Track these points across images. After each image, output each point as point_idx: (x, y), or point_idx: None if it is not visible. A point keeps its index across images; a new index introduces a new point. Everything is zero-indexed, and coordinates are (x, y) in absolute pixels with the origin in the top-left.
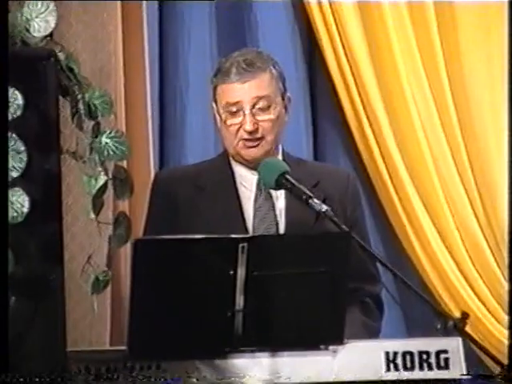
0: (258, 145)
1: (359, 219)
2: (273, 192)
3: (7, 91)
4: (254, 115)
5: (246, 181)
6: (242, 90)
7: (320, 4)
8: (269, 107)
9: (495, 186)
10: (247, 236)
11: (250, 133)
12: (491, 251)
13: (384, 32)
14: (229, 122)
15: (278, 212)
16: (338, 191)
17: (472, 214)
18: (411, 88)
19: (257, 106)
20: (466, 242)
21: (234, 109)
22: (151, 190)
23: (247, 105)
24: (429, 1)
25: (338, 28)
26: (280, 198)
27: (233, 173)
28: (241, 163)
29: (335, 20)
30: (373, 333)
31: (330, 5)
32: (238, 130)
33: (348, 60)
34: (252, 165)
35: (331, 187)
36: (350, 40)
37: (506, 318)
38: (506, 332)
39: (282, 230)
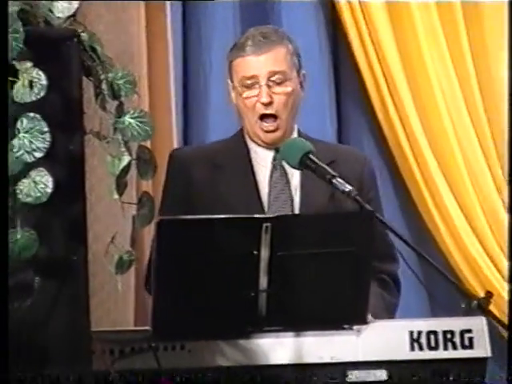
0: (276, 129)
1: (375, 200)
2: (288, 169)
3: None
4: (269, 87)
5: (262, 158)
6: (258, 63)
7: (349, 3)
8: (284, 81)
9: None
10: (271, 216)
11: (266, 105)
12: None
13: (412, 27)
14: (245, 95)
15: (292, 189)
16: (353, 172)
17: (495, 193)
18: (440, 83)
19: (272, 79)
20: (489, 220)
21: (250, 82)
22: (167, 168)
23: (263, 78)
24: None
25: (367, 25)
26: (295, 175)
27: (248, 150)
28: (258, 144)
29: (364, 18)
30: (389, 306)
31: (360, 3)
32: (254, 104)
33: (372, 42)
34: (267, 146)
35: (347, 167)
36: (375, 22)
37: None
38: None
39: (296, 207)
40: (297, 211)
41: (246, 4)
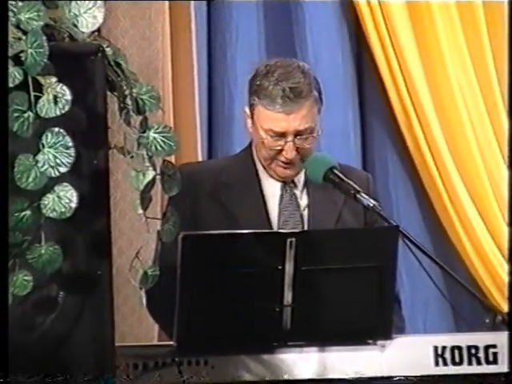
0: (294, 165)
1: (378, 220)
2: (297, 192)
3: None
4: (295, 143)
5: (270, 180)
6: (287, 121)
7: (369, 3)
8: (310, 134)
9: None
10: (296, 231)
11: (290, 159)
12: None
13: (432, 28)
14: (267, 143)
15: (302, 212)
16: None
17: None
18: (459, 83)
19: (299, 136)
20: None
21: (277, 136)
22: None
23: (290, 135)
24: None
25: (386, 24)
26: (303, 197)
27: (257, 170)
28: (269, 174)
29: (383, 16)
30: (398, 332)
31: (379, 4)
32: (277, 152)
33: (396, 56)
34: (279, 179)
35: None
36: (398, 35)
37: None
38: None
39: (306, 228)
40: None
41: (271, 19)
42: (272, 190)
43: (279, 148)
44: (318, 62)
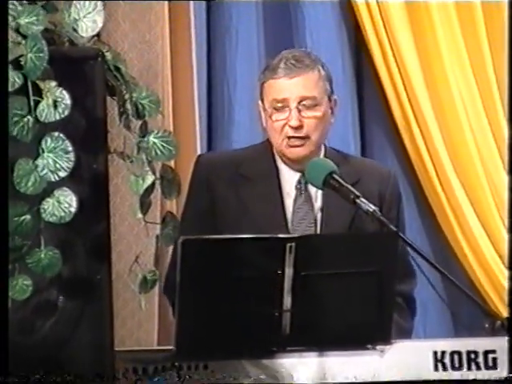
0: (303, 144)
1: (395, 219)
2: (312, 193)
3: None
4: (299, 111)
5: (287, 179)
6: (289, 87)
7: (368, 4)
8: (315, 106)
9: None
10: (295, 236)
11: (295, 129)
12: None
13: (432, 31)
14: (274, 118)
15: (316, 211)
16: (377, 189)
17: None
18: (459, 88)
19: (302, 103)
20: None
21: (280, 105)
22: (192, 173)
23: (293, 102)
24: (476, 0)
25: (385, 27)
26: (318, 197)
27: (277, 168)
28: (284, 162)
29: (383, 19)
30: (403, 333)
31: (378, 5)
32: (283, 126)
33: (396, 60)
34: (295, 165)
35: (372, 184)
36: (398, 39)
37: None
38: None
39: (319, 229)
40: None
41: (271, 22)
42: (289, 187)
43: (284, 120)
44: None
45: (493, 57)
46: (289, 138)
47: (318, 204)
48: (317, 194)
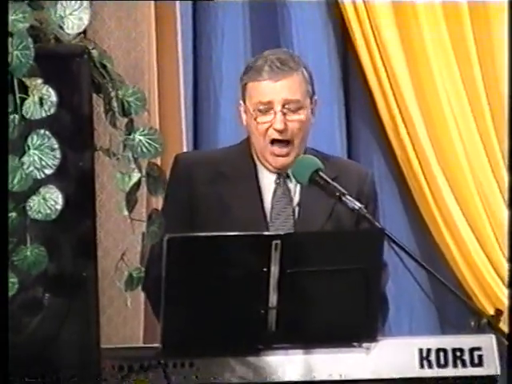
0: (288, 154)
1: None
2: (291, 188)
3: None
4: (284, 114)
5: (266, 173)
6: (274, 90)
7: (354, 3)
8: (298, 109)
9: None
10: (281, 233)
11: (280, 132)
12: None
13: (418, 31)
14: (259, 120)
15: (294, 207)
16: (356, 187)
17: (504, 209)
18: (444, 86)
19: (287, 106)
20: (498, 238)
21: (265, 107)
22: (170, 172)
23: (278, 105)
24: (463, 1)
25: (372, 26)
26: (296, 193)
27: (255, 164)
28: (263, 165)
29: (369, 19)
30: None
31: (364, 4)
32: (267, 128)
33: (382, 59)
34: (273, 170)
35: (350, 183)
36: (384, 38)
37: None
38: None
39: (297, 224)
40: (298, 228)
41: (257, 20)
42: (267, 182)
43: (268, 122)
44: (302, 54)
45: (478, 55)
46: (272, 141)
47: (296, 199)
48: (295, 189)
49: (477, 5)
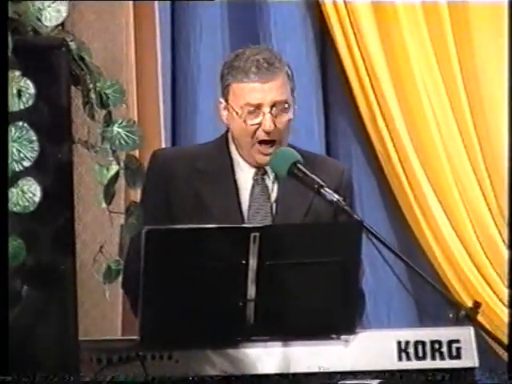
0: (273, 152)
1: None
2: (269, 184)
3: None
4: (273, 116)
5: (244, 169)
6: (263, 92)
7: (334, 1)
8: (285, 109)
9: (504, 174)
10: (259, 226)
11: (268, 133)
12: (503, 241)
13: (398, 29)
14: (249, 122)
15: (272, 204)
16: (333, 182)
17: (484, 204)
18: (424, 81)
19: (275, 107)
20: (477, 232)
21: (253, 109)
22: (148, 167)
23: (267, 106)
24: (443, 1)
25: (352, 25)
26: (274, 190)
27: (231, 159)
28: (244, 158)
29: (349, 16)
30: None
31: (345, 2)
32: (255, 130)
33: (362, 56)
34: (256, 166)
35: (326, 178)
36: (364, 36)
37: None
38: None
39: (275, 220)
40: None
41: (234, 10)
42: (245, 179)
43: (258, 122)
44: (281, 51)
45: (458, 52)
46: (260, 142)
47: (273, 195)
48: (273, 186)
49: (456, 4)
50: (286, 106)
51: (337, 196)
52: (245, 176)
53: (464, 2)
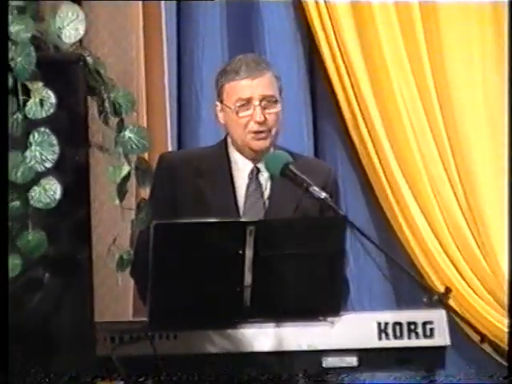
0: (266, 137)
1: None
2: (263, 182)
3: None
4: (262, 108)
5: (241, 169)
6: (252, 87)
7: (317, 4)
8: (274, 103)
9: (475, 176)
10: (255, 220)
11: (260, 124)
12: (471, 233)
13: (374, 32)
14: (241, 115)
15: (265, 200)
16: (320, 182)
17: (454, 199)
18: (400, 85)
19: (264, 101)
20: (449, 226)
21: (244, 103)
22: (156, 169)
23: (257, 100)
24: (414, 1)
25: (333, 28)
26: (267, 187)
27: (229, 160)
28: (242, 153)
29: (331, 20)
30: None
31: (326, 5)
32: (248, 122)
33: (343, 60)
34: (253, 156)
35: (314, 178)
36: (345, 40)
37: (484, 291)
38: (484, 304)
39: (267, 215)
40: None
41: (233, 31)
42: (241, 178)
43: (249, 114)
44: (275, 65)
45: (429, 54)
46: (254, 132)
47: (267, 192)
48: (266, 184)
49: (426, 5)
50: (274, 99)
51: (324, 194)
52: (241, 174)
53: (434, 2)
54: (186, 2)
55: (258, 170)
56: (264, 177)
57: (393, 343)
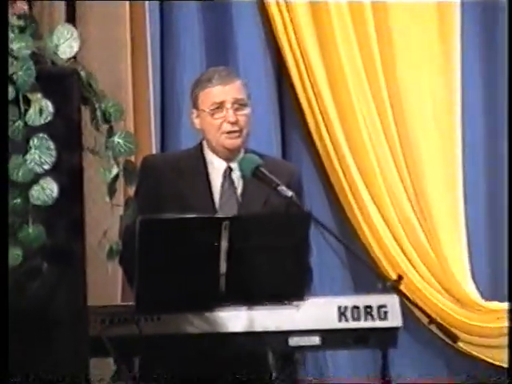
0: (239, 136)
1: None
2: (235, 181)
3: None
4: (234, 110)
5: (216, 168)
6: (224, 91)
7: (278, 4)
8: (244, 106)
9: (423, 176)
10: (229, 216)
11: (232, 124)
12: (420, 225)
13: (331, 32)
14: (215, 116)
15: (238, 196)
16: (285, 180)
17: (406, 199)
18: (355, 89)
19: (236, 104)
20: (401, 220)
21: (218, 106)
22: (140, 170)
23: (229, 103)
24: (367, 1)
25: (294, 28)
26: (240, 185)
27: (205, 161)
28: (216, 154)
29: (291, 20)
30: None
31: (286, 5)
32: (221, 123)
33: (306, 66)
34: (227, 155)
35: (280, 178)
36: (304, 42)
37: (432, 278)
38: (431, 290)
39: (240, 209)
40: (240, 213)
41: (211, 46)
42: (216, 176)
43: (222, 115)
44: (247, 72)
45: (381, 54)
46: (228, 132)
47: (239, 189)
48: (239, 182)
49: (377, 5)
50: (244, 103)
51: (291, 192)
52: (216, 173)
53: (385, 2)
54: (170, 24)
55: (231, 169)
56: (236, 175)
57: (351, 324)
